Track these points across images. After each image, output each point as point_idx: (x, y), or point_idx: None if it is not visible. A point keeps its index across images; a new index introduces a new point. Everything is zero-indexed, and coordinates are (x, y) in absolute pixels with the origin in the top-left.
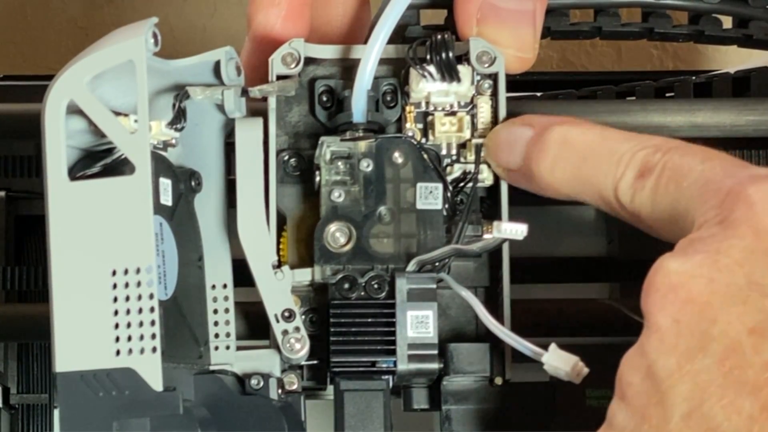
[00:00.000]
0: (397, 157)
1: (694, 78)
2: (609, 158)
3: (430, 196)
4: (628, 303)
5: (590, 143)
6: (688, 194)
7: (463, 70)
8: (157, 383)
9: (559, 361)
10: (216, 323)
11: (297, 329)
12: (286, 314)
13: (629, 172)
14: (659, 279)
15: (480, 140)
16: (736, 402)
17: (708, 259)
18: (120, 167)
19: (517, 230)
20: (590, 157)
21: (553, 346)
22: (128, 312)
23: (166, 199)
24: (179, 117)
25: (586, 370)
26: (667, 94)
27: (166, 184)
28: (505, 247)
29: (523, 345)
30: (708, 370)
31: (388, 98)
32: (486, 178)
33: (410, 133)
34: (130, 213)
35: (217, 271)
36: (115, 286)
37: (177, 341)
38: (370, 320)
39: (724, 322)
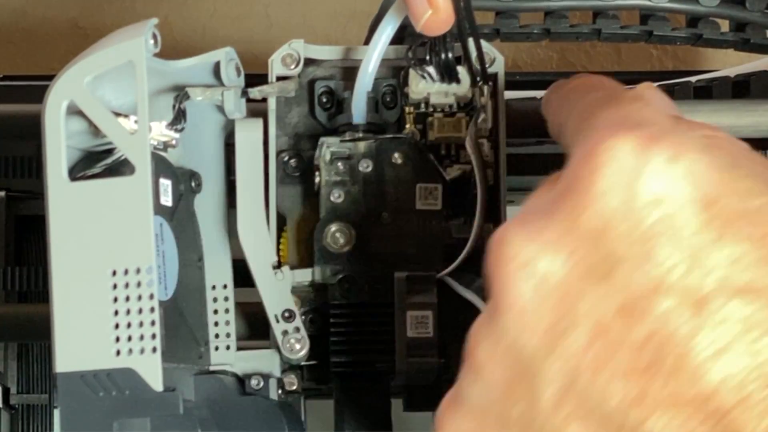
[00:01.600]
0: (397, 157)
1: (694, 81)
2: (570, 111)
3: (429, 197)
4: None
5: (569, 94)
6: (572, 146)
7: (462, 71)
8: (157, 383)
9: None
10: (216, 323)
11: (297, 329)
12: (286, 314)
13: (562, 116)
14: (510, 251)
15: (482, 140)
16: (608, 387)
17: (564, 229)
18: (120, 168)
19: None
20: (558, 105)
21: None
22: (128, 312)
23: (166, 200)
24: (179, 118)
25: None
26: None
27: (166, 184)
28: None
29: None
30: (576, 351)
31: (388, 99)
32: (487, 177)
33: (410, 134)
34: (130, 213)
35: (217, 271)
36: (115, 286)
37: (177, 341)
38: (369, 320)
39: (588, 302)
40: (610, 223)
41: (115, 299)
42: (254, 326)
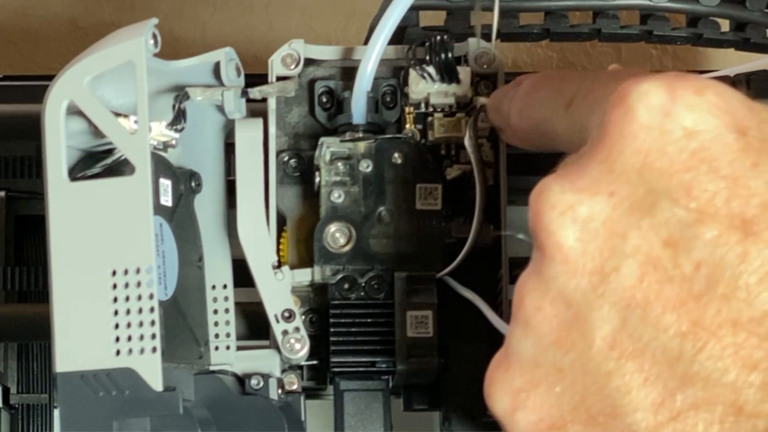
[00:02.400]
0: (397, 157)
1: None
2: (553, 96)
3: (429, 197)
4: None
5: (546, 87)
6: (587, 112)
7: (462, 71)
8: (157, 383)
9: None
10: (216, 323)
11: (297, 329)
12: (286, 314)
13: (562, 102)
14: (551, 197)
15: (482, 140)
16: (661, 319)
17: (602, 171)
18: (120, 168)
19: None
20: (541, 99)
21: None
22: (128, 312)
23: (166, 200)
24: (179, 118)
25: None
26: None
27: (166, 184)
28: (505, 248)
29: None
30: (625, 289)
31: (388, 99)
32: (486, 178)
33: (410, 134)
34: (130, 213)
35: (217, 271)
36: (115, 286)
37: (177, 341)
38: (369, 320)
39: (634, 238)
40: (647, 160)
41: (115, 299)
42: (254, 326)
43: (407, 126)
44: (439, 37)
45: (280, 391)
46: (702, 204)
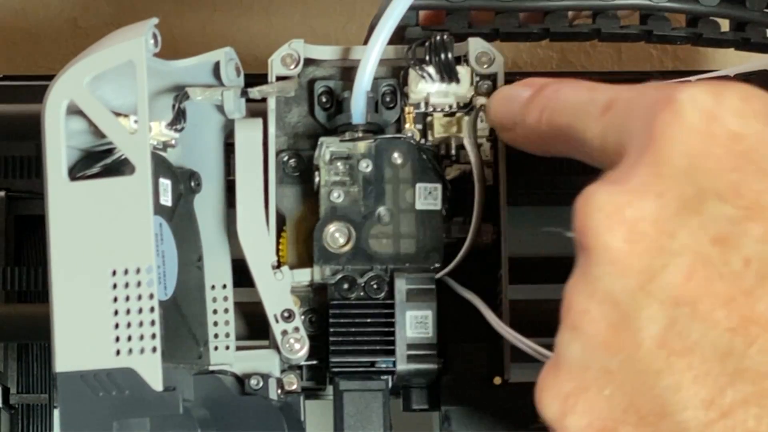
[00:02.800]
0: (397, 157)
1: (694, 81)
2: (586, 102)
3: (429, 197)
4: None
5: (576, 94)
6: (627, 119)
7: (462, 70)
8: (157, 383)
9: None
10: (216, 323)
11: (296, 329)
12: (286, 314)
13: (596, 109)
14: (599, 200)
15: (481, 140)
16: (711, 315)
17: (649, 174)
18: (120, 167)
19: None
20: (572, 104)
21: None
22: (128, 312)
23: (166, 200)
24: (179, 118)
25: None
26: None
27: (165, 184)
28: (505, 247)
29: (539, 351)
30: (674, 286)
31: (388, 99)
32: (486, 177)
33: (409, 134)
34: (130, 213)
35: (217, 271)
36: (115, 286)
37: (177, 341)
38: (369, 320)
39: (684, 234)
40: (695, 161)
41: (115, 299)
42: (254, 326)
43: (407, 126)
44: (439, 37)
45: (279, 391)
46: (750, 201)
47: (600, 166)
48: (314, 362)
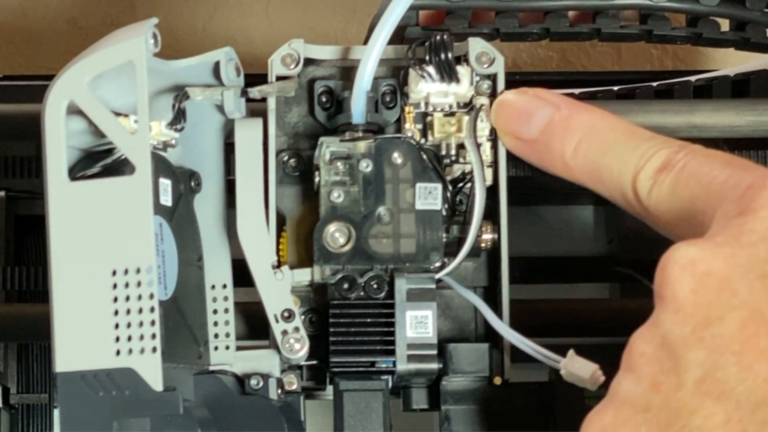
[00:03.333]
0: (397, 157)
1: (693, 81)
2: (632, 150)
3: (429, 197)
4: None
5: (616, 134)
6: (708, 191)
7: (462, 70)
8: (157, 383)
9: (577, 369)
10: (216, 323)
11: (296, 329)
12: (286, 314)
13: (650, 165)
14: (677, 255)
15: (481, 140)
16: (753, 366)
17: (728, 238)
18: (120, 167)
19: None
20: (614, 147)
21: (571, 353)
22: (128, 312)
23: (166, 200)
24: (179, 117)
25: (603, 378)
26: None
27: (166, 184)
28: (505, 248)
29: (539, 351)
30: (724, 336)
31: (388, 99)
32: (486, 177)
33: (409, 134)
34: (130, 213)
35: (217, 271)
36: (115, 286)
37: (177, 341)
38: (369, 320)
39: (745, 292)
40: None
41: (115, 299)
42: (254, 326)
43: (407, 126)
44: (438, 37)
45: (279, 391)
46: None
47: (644, 218)
48: (314, 362)
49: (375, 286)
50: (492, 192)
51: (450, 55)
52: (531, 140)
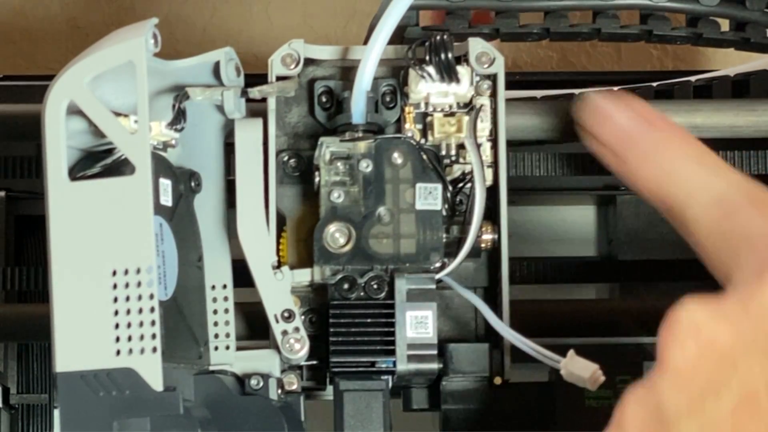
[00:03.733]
0: (397, 157)
1: (693, 81)
2: (696, 178)
3: (429, 197)
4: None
5: (690, 159)
6: (740, 236)
7: (462, 70)
8: (157, 383)
9: (577, 369)
10: (216, 323)
11: (296, 329)
12: (286, 314)
13: (706, 196)
14: (682, 316)
15: (481, 140)
16: None
17: (737, 306)
18: (120, 167)
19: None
20: (683, 171)
21: (571, 353)
22: (128, 312)
23: (166, 200)
24: (179, 118)
25: (602, 378)
26: None
27: (166, 184)
28: (504, 248)
29: (539, 351)
30: (718, 415)
31: (388, 99)
32: (486, 178)
33: (409, 134)
34: (130, 213)
35: (217, 271)
36: (115, 286)
37: (177, 341)
38: (369, 320)
39: (744, 370)
40: None
41: (115, 299)
42: (254, 326)
43: (407, 126)
44: (439, 37)
45: (279, 391)
46: None
47: (690, 242)
48: (314, 362)
49: (375, 286)
50: (492, 192)
51: (450, 55)
52: (606, 144)
